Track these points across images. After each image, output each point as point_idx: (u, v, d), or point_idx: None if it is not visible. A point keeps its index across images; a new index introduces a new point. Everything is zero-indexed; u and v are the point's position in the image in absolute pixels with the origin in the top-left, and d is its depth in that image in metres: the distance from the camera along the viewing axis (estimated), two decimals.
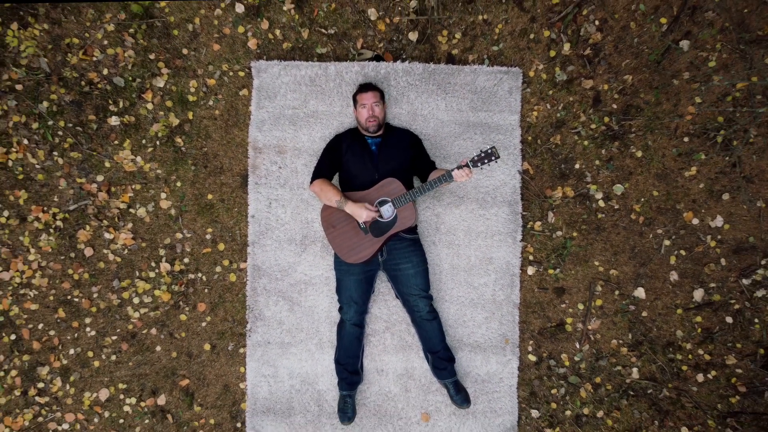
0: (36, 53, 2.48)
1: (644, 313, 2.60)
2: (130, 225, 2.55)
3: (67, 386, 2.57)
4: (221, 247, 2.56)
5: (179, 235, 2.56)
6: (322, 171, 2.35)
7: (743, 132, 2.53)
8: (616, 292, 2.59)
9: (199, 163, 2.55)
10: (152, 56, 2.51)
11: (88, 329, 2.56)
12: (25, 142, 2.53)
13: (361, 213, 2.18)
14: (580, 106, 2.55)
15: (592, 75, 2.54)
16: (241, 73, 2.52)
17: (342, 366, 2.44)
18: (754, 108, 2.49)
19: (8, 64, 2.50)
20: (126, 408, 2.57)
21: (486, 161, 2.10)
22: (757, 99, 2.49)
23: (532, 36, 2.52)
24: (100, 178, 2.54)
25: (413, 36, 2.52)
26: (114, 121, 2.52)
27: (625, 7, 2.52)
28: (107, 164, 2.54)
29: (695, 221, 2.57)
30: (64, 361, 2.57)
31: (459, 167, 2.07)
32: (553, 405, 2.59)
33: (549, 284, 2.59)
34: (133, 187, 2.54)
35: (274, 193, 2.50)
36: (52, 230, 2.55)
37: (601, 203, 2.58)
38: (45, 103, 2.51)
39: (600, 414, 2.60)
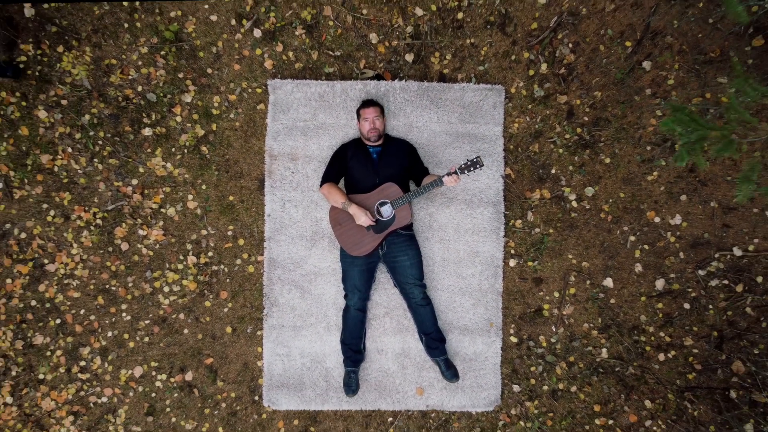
0: (81, 73, 2.83)
1: (612, 300, 2.96)
2: (161, 223, 2.91)
3: (106, 364, 2.93)
4: (241, 242, 2.91)
5: (204, 232, 2.91)
6: (329, 176, 2.70)
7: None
8: (588, 282, 2.95)
9: (221, 169, 2.90)
10: (181, 75, 2.86)
11: (124, 314, 2.92)
12: (69, 150, 2.88)
13: (361, 217, 2.53)
14: (555, 119, 2.91)
15: (566, 91, 2.90)
16: (259, 90, 2.87)
17: (347, 346, 2.80)
18: (707, 121, 2.85)
19: (54, 82, 2.85)
20: (157, 383, 2.93)
21: (472, 169, 2.45)
22: (710, 113, 2.85)
23: (513, 57, 2.88)
24: (134, 181, 2.90)
25: (409, 57, 2.88)
26: (147, 131, 2.88)
27: (595, 32, 2.87)
28: (141, 169, 2.89)
29: (657, 219, 2.93)
30: (103, 342, 2.93)
31: (449, 174, 2.43)
32: (532, 381, 2.95)
33: (528, 275, 2.95)
34: (164, 189, 2.90)
35: (288, 194, 2.86)
36: (92, 227, 2.90)
37: (574, 204, 2.93)
38: (87, 116, 2.87)
39: (573, 389, 2.96)
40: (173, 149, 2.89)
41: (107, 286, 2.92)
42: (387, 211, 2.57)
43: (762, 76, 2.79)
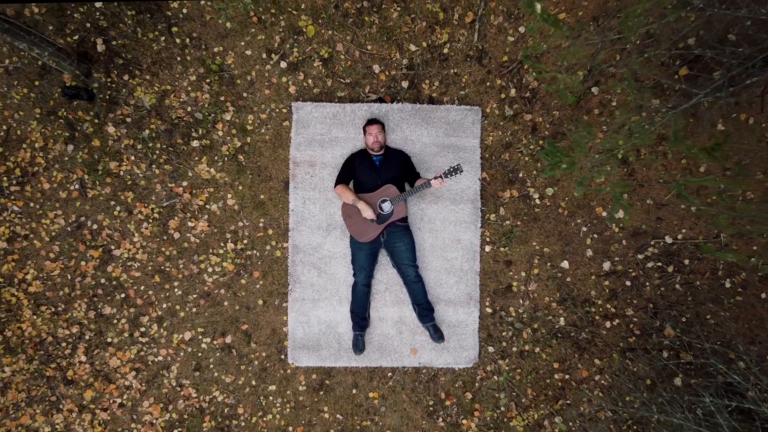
0: (143, 96, 3.54)
1: (568, 279, 3.68)
2: (206, 216, 3.62)
3: (161, 330, 3.65)
4: (270, 232, 3.63)
5: (240, 224, 3.63)
6: (341, 179, 3.41)
7: (636, 151, 3.60)
8: (548, 264, 3.67)
9: (254, 173, 3.62)
10: (222, 98, 3.58)
11: (176, 290, 3.64)
12: (132, 158, 3.59)
13: (366, 211, 3.24)
14: (522, 133, 3.62)
15: (531, 111, 3.61)
16: (284, 110, 3.59)
17: (355, 314, 3.52)
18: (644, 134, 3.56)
19: (121, 104, 3.57)
20: (203, 345, 3.65)
21: (454, 173, 3.17)
22: (645, 127, 3.56)
23: (488, 84, 3.59)
24: (184, 183, 3.61)
25: (405, 84, 3.59)
26: (195, 143, 3.59)
27: (554, 63, 3.58)
28: (190, 174, 3.61)
29: (604, 214, 3.65)
30: (159, 312, 3.65)
31: (435, 177, 3.14)
32: (504, 343, 3.67)
33: (500, 258, 3.67)
34: (208, 190, 3.62)
35: (308, 194, 3.57)
36: (150, 220, 3.62)
37: (538, 201, 3.65)
38: (146, 131, 3.58)
39: (537, 350, 3.68)
40: (216, 157, 3.61)
41: (162, 268, 3.63)
42: (387, 207, 3.29)
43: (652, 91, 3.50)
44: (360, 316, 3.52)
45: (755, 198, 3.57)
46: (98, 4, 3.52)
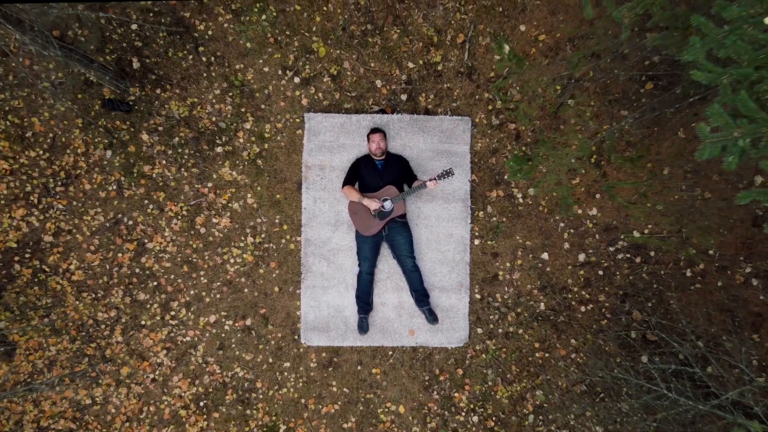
0: (173, 107, 4.03)
1: (548, 269, 4.17)
2: (228, 214, 4.11)
3: (189, 314, 4.14)
4: (285, 227, 4.12)
5: (259, 220, 4.12)
6: (348, 180, 3.90)
7: (609, 156, 4.08)
8: (530, 255, 4.16)
9: (271, 176, 4.10)
10: (243, 109, 4.06)
11: (202, 278, 4.13)
12: (164, 162, 4.08)
13: (372, 205, 3.74)
14: (507, 140, 4.11)
15: (515, 120, 4.10)
16: (298, 120, 4.07)
17: (360, 299, 4.01)
18: (615, 143, 4.05)
19: (154, 114, 4.05)
20: (226, 327, 4.14)
21: (447, 176, 3.65)
22: (616, 137, 4.05)
23: (477, 97, 4.08)
24: (209, 184, 4.10)
25: (404, 97, 4.08)
26: (219, 149, 4.08)
27: (535, 79, 4.07)
28: (214, 176, 4.09)
29: (579, 211, 4.14)
30: (187, 298, 4.14)
31: (430, 179, 3.63)
32: (491, 326, 4.17)
33: (488, 250, 4.16)
34: (230, 190, 4.10)
35: (318, 194, 4.06)
36: (180, 217, 4.11)
37: (521, 200, 4.14)
38: (176, 138, 4.07)
39: (520, 331, 4.17)
40: (237, 162, 4.09)
41: (190, 259, 4.12)
42: (388, 205, 3.78)
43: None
44: (364, 301, 4.01)
45: (712, 197, 4.06)
46: (134, 27, 4.00)
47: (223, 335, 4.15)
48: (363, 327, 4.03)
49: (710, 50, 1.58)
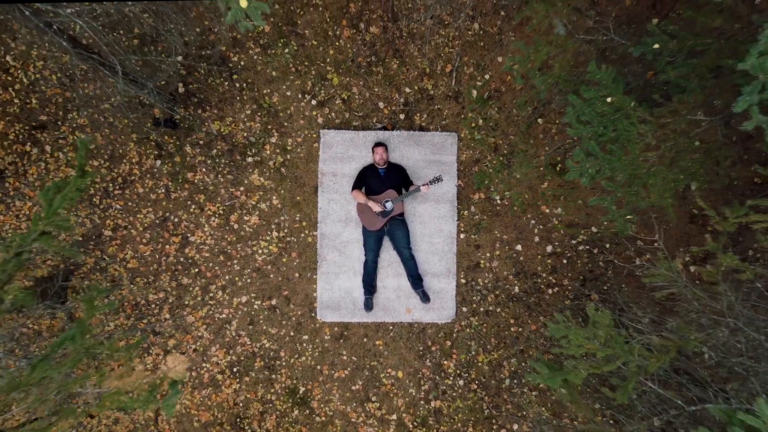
0: (214, 125, 4.89)
1: (521, 258, 5.04)
2: (257, 212, 4.98)
3: (225, 295, 5.00)
4: (304, 224, 4.98)
5: (282, 218, 4.98)
6: (356, 185, 4.75)
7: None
8: (506, 247, 5.03)
9: (292, 181, 4.96)
10: (269, 126, 4.92)
11: (235, 266, 5.00)
12: (204, 169, 4.94)
13: (376, 207, 4.60)
14: (487, 152, 4.97)
15: (494, 136, 4.96)
16: (314, 135, 4.93)
17: (366, 283, 4.88)
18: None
19: (196, 130, 4.91)
20: (255, 306, 5.01)
21: (437, 182, 4.52)
22: (571, 144, 4.90)
23: (462, 116, 4.94)
24: (242, 188, 4.96)
25: (402, 116, 4.94)
26: (249, 159, 4.94)
27: (511, 101, 4.92)
28: (246, 181, 4.96)
29: (547, 210, 5.00)
30: (222, 282, 5.00)
31: (423, 185, 4.49)
32: (474, 305, 5.04)
33: (472, 243, 5.02)
34: (259, 193, 4.97)
35: (331, 196, 4.92)
36: (217, 215, 4.97)
37: (499, 201, 5.00)
38: (214, 150, 4.93)
39: (498, 310, 5.04)
40: (264, 170, 4.96)
41: (225, 250, 4.99)
42: (389, 205, 4.64)
43: None
44: (369, 284, 4.88)
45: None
46: (179, 58, 4.85)
47: (252, 313, 5.02)
48: (368, 306, 4.90)
49: (578, 115, 2.49)
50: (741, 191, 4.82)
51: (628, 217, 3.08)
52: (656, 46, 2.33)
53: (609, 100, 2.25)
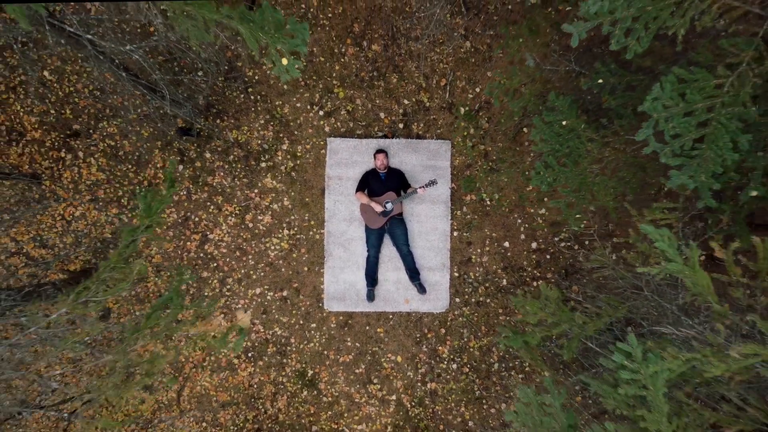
0: (232, 134, 5.42)
1: (509, 254, 5.57)
2: (270, 212, 5.50)
3: (240, 287, 5.53)
4: (312, 222, 5.51)
5: (293, 217, 5.51)
6: (359, 188, 5.28)
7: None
8: (495, 244, 5.56)
9: (302, 184, 5.49)
10: (281, 135, 5.45)
11: (250, 261, 5.52)
12: (221, 173, 5.47)
13: (377, 207, 5.13)
14: (478, 158, 5.50)
15: (484, 143, 5.49)
16: (322, 143, 5.46)
17: (368, 276, 5.41)
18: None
19: (215, 138, 5.43)
20: (268, 297, 5.54)
21: (432, 185, 5.05)
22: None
23: (455, 125, 5.47)
24: (256, 190, 5.49)
25: (401, 125, 5.46)
26: (263, 164, 5.46)
27: (499, 111, 5.45)
28: (260, 184, 5.48)
29: (531, 211, 5.53)
30: (239, 276, 5.53)
31: (420, 187, 5.02)
32: (466, 296, 5.57)
33: (464, 240, 5.55)
34: (272, 194, 5.49)
35: (337, 197, 5.45)
36: (233, 215, 5.50)
37: (488, 202, 5.53)
38: (231, 156, 5.45)
39: (488, 300, 5.58)
40: (276, 174, 5.48)
41: (241, 246, 5.52)
42: (389, 206, 5.17)
43: None
44: (371, 277, 5.41)
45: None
46: (200, 73, 5.37)
47: (265, 303, 5.55)
48: (370, 297, 5.43)
49: (540, 135, 3.03)
50: (665, 196, 5.35)
51: (578, 216, 3.64)
52: (600, 81, 2.86)
53: (564, 123, 2.77)
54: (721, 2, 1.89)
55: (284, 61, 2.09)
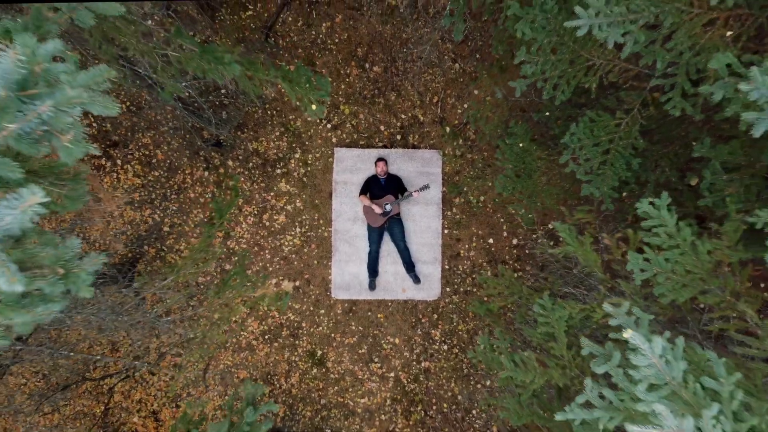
0: (252, 144, 6.21)
1: (493, 249, 6.37)
2: (284, 213, 6.30)
3: (258, 278, 6.33)
4: (321, 222, 6.31)
5: (304, 216, 6.31)
6: (362, 191, 6.08)
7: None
8: (481, 240, 6.36)
9: (312, 188, 6.29)
10: (294, 145, 6.24)
11: (267, 255, 6.32)
12: (242, 179, 6.26)
13: (378, 209, 5.93)
14: (466, 165, 6.30)
15: (471, 152, 6.29)
16: (329, 152, 6.26)
17: (370, 268, 6.21)
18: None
19: (237, 148, 6.23)
20: (282, 286, 6.34)
21: (426, 189, 5.85)
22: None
23: (445, 137, 6.27)
24: (272, 194, 6.29)
25: (399, 137, 6.26)
26: (278, 171, 6.26)
27: (484, 124, 6.24)
28: (275, 188, 6.28)
29: (513, 211, 6.34)
30: (257, 268, 6.33)
31: (415, 191, 5.82)
32: (455, 286, 6.37)
33: (454, 237, 6.36)
34: (286, 197, 6.29)
35: (343, 199, 6.25)
36: (252, 215, 6.30)
37: (474, 203, 6.33)
38: (251, 163, 6.25)
39: (475, 289, 6.38)
40: (290, 179, 6.28)
41: (259, 242, 6.32)
42: (388, 207, 5.97)
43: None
44: (373, 270, 6.21)
45: None
46: (223, 91, 6.16)
47: (280, 292, 6.35)
48: (372, 286, 6.24)
49: (503, 154, 3.87)
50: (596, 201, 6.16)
51: (530, 216, 4.48)
52: (547, 113, 3.66)
53: (521, 145, 3.54)
54: (621, 65, 2.66)
55: (314, 107, 2.88)
